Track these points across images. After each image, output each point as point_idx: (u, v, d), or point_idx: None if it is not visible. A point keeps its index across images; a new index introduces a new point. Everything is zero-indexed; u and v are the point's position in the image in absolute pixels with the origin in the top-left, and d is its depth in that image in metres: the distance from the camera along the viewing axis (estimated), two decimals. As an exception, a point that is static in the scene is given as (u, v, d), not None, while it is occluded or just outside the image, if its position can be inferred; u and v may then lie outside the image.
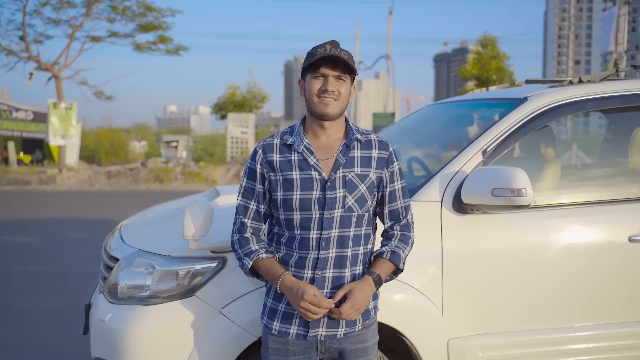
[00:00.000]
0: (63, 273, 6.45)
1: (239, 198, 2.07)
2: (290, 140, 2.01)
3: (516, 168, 2.31)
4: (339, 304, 1.92)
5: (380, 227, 2.14)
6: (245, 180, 2.06)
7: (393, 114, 24.46)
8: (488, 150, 2.53)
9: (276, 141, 2.03)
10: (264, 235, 2.09)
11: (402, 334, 2.34)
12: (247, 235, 2.04)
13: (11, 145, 22.50)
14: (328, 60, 1.93)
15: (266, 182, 2.02)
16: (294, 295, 1.91)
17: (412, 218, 2.12)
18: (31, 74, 20.92)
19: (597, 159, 3.79)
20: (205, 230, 2.21)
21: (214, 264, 2.31)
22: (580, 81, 2.86)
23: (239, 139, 22.32)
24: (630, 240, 2.57)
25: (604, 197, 2.72)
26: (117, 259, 2.52)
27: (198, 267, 2.30)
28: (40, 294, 5.58)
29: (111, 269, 2.52)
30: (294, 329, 1.98)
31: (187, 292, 2.29)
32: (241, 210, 2.06)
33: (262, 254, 2.00)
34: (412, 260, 2.36)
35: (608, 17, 21.52)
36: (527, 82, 3.34)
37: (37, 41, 21.70)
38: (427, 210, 2.42)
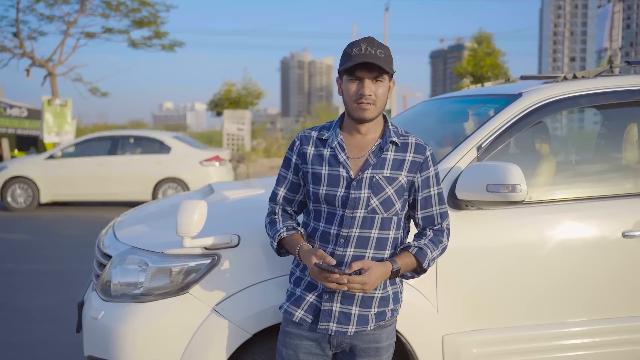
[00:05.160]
0: (57, 270, 6.43)
1: (274, 186, 2.13)
2: (326, 135, 2.02)
3: (510, 164, 2.31)
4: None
5: (413, 231, 2.11)
6: (280, 169, 2.11)
7: (389, 111, 24.46)
8: (483, 146, 2.53)
9: (314, 134, 2.05)
10: (293, 212, 2.12)
11: (396, 331, 2.33)
12: (276, 217, 2.09)
13: (5, 142, 22.38)
14: (364, 63, 1.87)
15: (300, 173, 2.05)
16: (307, 260, 1.90)
17: (448, 225, 2.06)
18: (27, 70, 20.76)
19: (591, 154, 3.79)
20: (199, 227, 2.20)
21: (208, 261, 2.30)
22: (575, 77, 2.86)
23: (235, 135, 22.27)
24: (624, 235, 2.57)
25: (598, 192, 2.72)
26: (110, 256, 2.51)
27: (192, 264, 2.30)
28: (34, 292, 5.56)
29: (104, 266, 2.51)
30: (299, 313, 1.98)
31: (181, 289, 2.28)
32: (272, 196, 2.13)
33: (283, 232, 2.02)
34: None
35: (603, 14, 21.56)
36: (522, 78, 3.34)
37: (31, 37, 21.56)
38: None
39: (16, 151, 24.52)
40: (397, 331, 2.33)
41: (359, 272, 1.86)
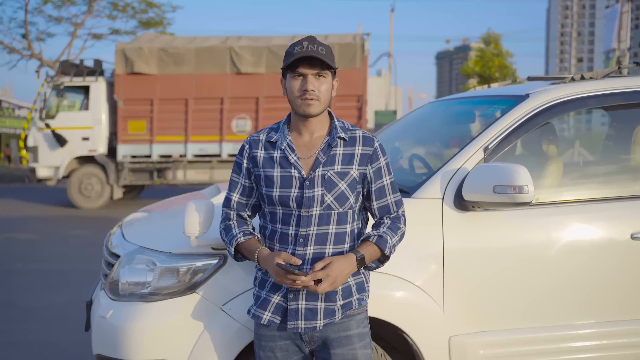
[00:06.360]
0: (65, 270, 6.46)
1: (227, 191, 2.13)
2: (275, 137, 2.04)
3: (518, 165, 2.30)
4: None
5: (371, 222, 2.14)
6: (232, 174, 2.12)
7: (395, 112, 24.38)
8: (489, 147, 2.52)
9: (262, 137, 2.07)
10: (248, 218, 2.13)
11: (403, 331, 2.34)
12: (230, 222, 2.09)
13: (14, 143, 22.54)
14: (305, 59, 1.92)
15: (252, 177, 2.06)
16: (269, 264, 1.93)
17: (403, 211, 2.11)
18: (37, 72, 20.96)
19: (599, 156, 3.78)
20: (206, 227, 2.21)
21: (215, 261, 2.31)
22: (582, 78, 2.84)
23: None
24: (633, 237, 2.56)
25: (606, 194, 2.71)
26: (118, 256, 2.52)
27: (199, 264, 2.31)
28: (41, 291, 5.59)
29: (112, 265, 2.52)
30: (267, 315, 2.00)
31: (188, 289, 2.29)
32: (225, 202, 2.13)
33: (240, 237, 2.04)
34: (413, 257, 2.35)
35: (611, 14, 21.48)
36: (529, 79, 3.34)
37: (39, 39, 21.72)
38: (428, 207, 2.42)
39: (24, 152, 24.65)
40: (404, 332, 2.34)
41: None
